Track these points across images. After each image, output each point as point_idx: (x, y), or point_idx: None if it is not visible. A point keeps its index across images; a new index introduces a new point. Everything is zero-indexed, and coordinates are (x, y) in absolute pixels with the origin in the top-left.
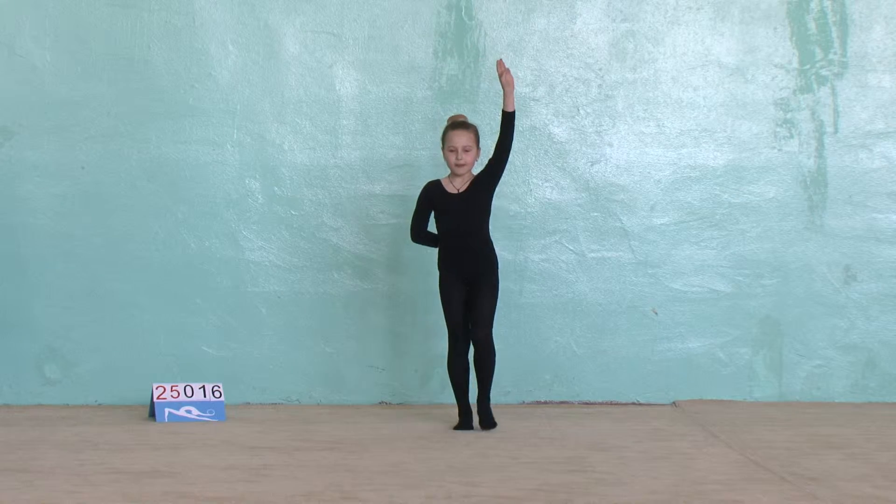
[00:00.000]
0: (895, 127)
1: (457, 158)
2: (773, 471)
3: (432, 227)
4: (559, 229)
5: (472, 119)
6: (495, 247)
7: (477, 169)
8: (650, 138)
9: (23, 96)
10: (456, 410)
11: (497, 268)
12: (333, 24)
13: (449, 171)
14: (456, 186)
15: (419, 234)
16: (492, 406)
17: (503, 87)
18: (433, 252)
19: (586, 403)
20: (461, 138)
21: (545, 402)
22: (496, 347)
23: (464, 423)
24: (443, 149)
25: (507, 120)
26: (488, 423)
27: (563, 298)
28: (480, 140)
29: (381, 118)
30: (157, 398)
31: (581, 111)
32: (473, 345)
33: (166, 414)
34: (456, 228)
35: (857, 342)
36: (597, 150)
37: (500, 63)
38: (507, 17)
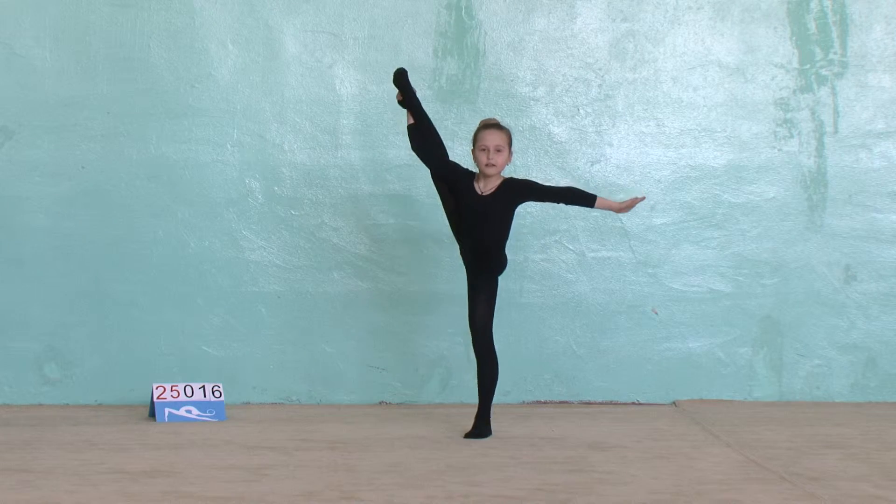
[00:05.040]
0: (895, 127)
1: (488, 158)
2: (773, 471)
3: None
4: (559, 229)
5: (471, 119)
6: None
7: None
8: (650, 138)
9: (23, 96)
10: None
11: (499, 274)
12: (333, 24)
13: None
14: (481, 188)
15: (423, 147)
16: (492, 406)
17: (616, 209)
18: (434, 252)
19: (586, 403)
20: (493, 137)
21: (545, 402)
22: (496, 348)
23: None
24: (473, 149)
25: (581, 202)
26: (478, 432)
27: (563, 298)
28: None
29: (381, 118)
30: (157, 398)
31: (581, 111)
32: (474, 351)
33: (166, 414)
34: (472, 228)
35: (857, 342)
36: (597, 149)
37: (633, 202)
38: (507, 17)
